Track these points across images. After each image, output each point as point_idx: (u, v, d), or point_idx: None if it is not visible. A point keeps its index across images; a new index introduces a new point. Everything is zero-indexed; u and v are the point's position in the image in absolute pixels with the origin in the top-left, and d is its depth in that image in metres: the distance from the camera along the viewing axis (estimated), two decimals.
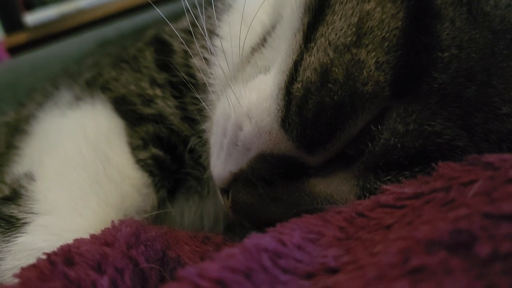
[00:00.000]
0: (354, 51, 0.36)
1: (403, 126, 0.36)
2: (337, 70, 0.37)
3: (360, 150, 0.38)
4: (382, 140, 0.36)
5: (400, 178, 0.36)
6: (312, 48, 0.39)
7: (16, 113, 0.78)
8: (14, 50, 1.91)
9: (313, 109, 0.38)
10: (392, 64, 0.35)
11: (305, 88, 0.38)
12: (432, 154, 0.36)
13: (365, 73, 0.36)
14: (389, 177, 0.37)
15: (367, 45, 0.36)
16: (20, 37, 1.99)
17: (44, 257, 0.36)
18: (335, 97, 0.37)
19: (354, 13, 0.37)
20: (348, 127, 0.37)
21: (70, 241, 0.41)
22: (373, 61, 0.36)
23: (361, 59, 0.36)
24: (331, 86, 0.37)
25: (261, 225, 0.37)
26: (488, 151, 0.35)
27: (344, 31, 0.37)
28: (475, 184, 0.29)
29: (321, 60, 0.38)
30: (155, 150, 0.56)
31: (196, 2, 0.59)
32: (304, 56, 0.39)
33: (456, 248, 0.24)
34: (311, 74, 0.38)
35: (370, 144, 0.37)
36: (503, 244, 0.23)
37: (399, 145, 0.36)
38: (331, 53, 0.37)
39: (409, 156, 0.36)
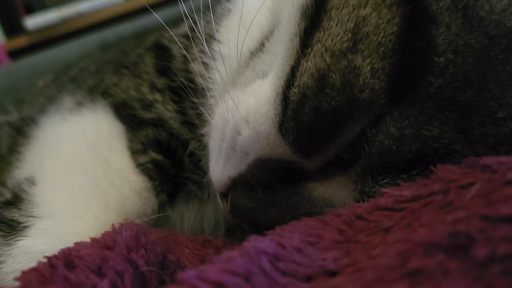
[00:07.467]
0: (350, 57, 0.36)
1: (397, 130, 0.36)
2: (334, 76, 0.37)
3: (357, 153, 0.38)
4: (377, 143, 0.37)
5: (398, 181, 0.36)
6: (309, 54, 0.39)
7: (19, 113, 0.78)
8: (14, 54, 1.90)
9: (309, 113, 0.37)
10: (387, 71, 0.35)
11: (302, 93, 0.38)
12: (430, 158, 0.36)
13: (361, 80, 0.36)
14: (386, 180, 0.37)
15: (363, 51, 0.36)
16: (20, 41, 1.99)
17: (44, 260, 0.37)
18: (333, 102, 0.36)
19: (350, 19, 0.37)
20: (345, 132, 0.37)
21: (71, 245, 0.41)
22: (369, 68, 0.36)
23: (357, 65, 0.36)
24: (328, 91, 0.37)
25: (261, 229, 0.37)
26: (485, 154, 0.35)
27: (341, 37, 0.37)
28: (473, 187, 0.29)
29: (318, 65, 0.38)
30: (154, 154, 0.56)
31: (194, 7, 0.59)
32: (301, 62, 0.39)
33: (454, 250, 0.24)
34: (307, 79, 0.38)
35: (366, 147, 0.37)
36: (501, 246, 0.23)
37: (394, 148, 0.36)
38: (327, 59, 0.37)
39: (405, 159, 0.36)
